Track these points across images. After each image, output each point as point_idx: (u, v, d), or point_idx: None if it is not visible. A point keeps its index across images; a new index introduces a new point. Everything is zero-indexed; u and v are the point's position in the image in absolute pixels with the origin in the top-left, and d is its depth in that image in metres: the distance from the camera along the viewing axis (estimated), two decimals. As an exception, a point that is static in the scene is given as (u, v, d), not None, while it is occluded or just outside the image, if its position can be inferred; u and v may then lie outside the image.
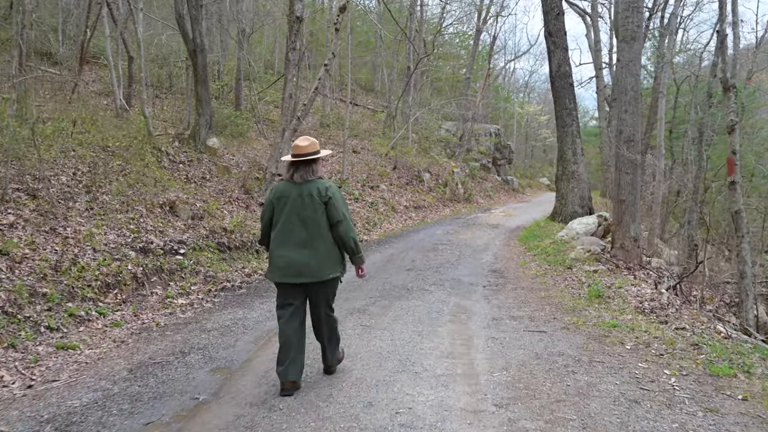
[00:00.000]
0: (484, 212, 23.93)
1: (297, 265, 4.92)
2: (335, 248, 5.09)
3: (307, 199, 4.95)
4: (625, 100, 12.38)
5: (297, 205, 4.95)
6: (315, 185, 5.00)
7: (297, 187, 5.01)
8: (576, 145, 17.24)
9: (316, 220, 4.96)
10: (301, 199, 4.95)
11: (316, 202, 4.95)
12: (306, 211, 4.94)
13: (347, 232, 5.07)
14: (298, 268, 4.92)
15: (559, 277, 10.78)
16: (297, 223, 4.95)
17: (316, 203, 4.95)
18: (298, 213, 4.94)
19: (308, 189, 4.98)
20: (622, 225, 12.47)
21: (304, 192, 4.97)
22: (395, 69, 31.15)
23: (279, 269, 4.99)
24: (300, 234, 4.95)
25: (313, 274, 4.94)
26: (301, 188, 4.99)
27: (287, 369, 4.98)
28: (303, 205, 4.94)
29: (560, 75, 17.30)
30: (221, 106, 21.33)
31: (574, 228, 14.93)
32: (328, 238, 5.02)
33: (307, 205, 4.94)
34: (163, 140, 14.15)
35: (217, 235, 11.03)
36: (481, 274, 11.18)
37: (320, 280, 4.97)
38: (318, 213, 4.96)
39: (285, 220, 4.97)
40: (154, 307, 8.01)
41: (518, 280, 10.60)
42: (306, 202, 4.94)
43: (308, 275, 4.93)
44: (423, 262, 12.41)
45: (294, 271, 4.93)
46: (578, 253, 12.10)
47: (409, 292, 9.40)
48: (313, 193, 4.96)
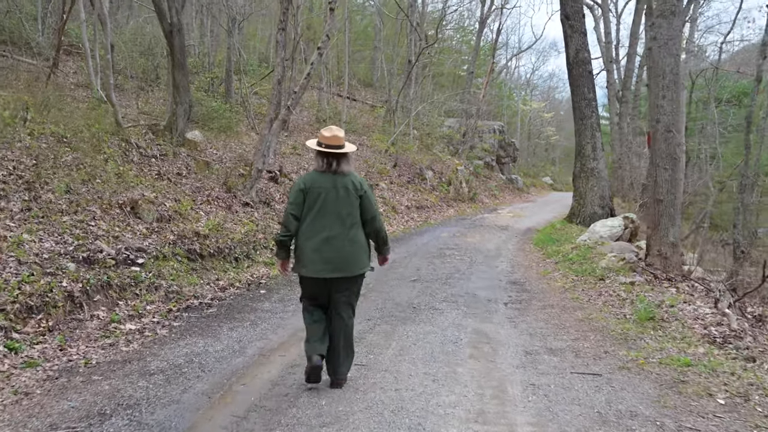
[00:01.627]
0: (490, 213, 22.08)
1: (333, 260, 4.71)
2: (366, 242, 4.94)
3: (342, 191, 4.74)
4: (663, 85, 10.52)
5: (332, 198, 4.72)
6: (349, 178, 4.81)
7: (331, 178, 4.77)
8: (596, 140, 15.38)
9: (352, 213, 4.77)
10: (336, 192, 4.73)
11: (352, 195, 4.77)
12: (341, 205, 4.73)
13: (382, 226, 5.02)
14: (334, 264, 4.72)
15: (592, 291, 8.94)
16: (332, 215, 4.72)
17: (352, 197, 4.77)
18: (335, 207, 4.72)
19: (343, 182, 4.77)
20: (660, 228, 10.62)
21: (339, 185, 4.75)
22: (396, 62, 29.28)
23: (314, 264, 4.73)
24: (335, 227, 4.73)
25: (349, 269, 4.77)
26: (335, 180, 4.76)
27: (315, 344, 4.84)
28: (338, 198, 4.73)
29: (578, 62, 15.43)
30: (210, 98, 19.50)
31: (598, 231, 13.08)
32: (361, 233, 4.86)
33: (343, 198, 4.74)
34: (135, 132, 12.29)
35: (188, 241, 9.18)
36: (498, 287, 9.34)
37: (354, 274, 4.83)
38: (353, 207, 4.77)
39: (319, 213, 4.72)
40: (90, 337, 6.14)
41: (545, 295, 8.75)
42: (341, 195, 4.73)
43: (344, 270, 4.76)
44: (430, 272, 10.56)
45: (330, 267, 4.71)
46: (610, 262, 10.25)
47: (416, 313, 7.55)
48: (348, 186, 4.77)
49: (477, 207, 23.59)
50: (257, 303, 7.95)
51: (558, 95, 57.91)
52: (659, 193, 10.56)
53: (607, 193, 15.52)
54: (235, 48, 20.06)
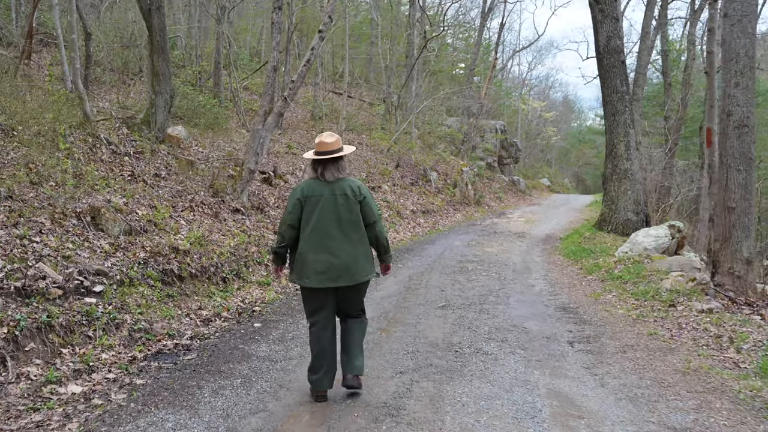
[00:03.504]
0: (499, 217, 20.20)
1: (336, 268, 4.45)
2: (369, 248, 4.65)
3: (341, 198, 4.50)
4: (736, 70, 8.66)
5: (330, 205, 4.48)
6: (347, 183, 4.56)
7: (328, 185, 4.52)
8: (629, 137, 13.50)
9: (352, 220, 4.53)
10: (335, 199, 4.49)
11: (351, 201, 4.52)
12: (341, 211, 4.50)
13: (382, 232, 4.72)
14: (338, 272, 4.45)
15: (668, 323, 7.05)
16: (333, 223, 4.48)
17: (351, 202, 4.52)
18: (334, 213, 4.49)
19: (341, 188, 4.53)
20: (731, 242, 8.77)
21: (337, 191, 4.51)
22: (395, 58, 27.35)
23: (316, 274, 4.44)
24: (336, 235, 4.48)
25: (353, 276, 4.50)
26: (332, 187, 4.52)
27: (323, 379, 4.56)
28: (337, 204, 4.49)
29: (609, 50, 13.55)
30: (197, 92, 17.53)
31: (641, 242, 11.21)
32: (364, 238, 4.59)
33: (342, 204, 4.50)
34: (106, 126, 10.32)
35: (163, 259, 7.23)
36: (548, 316, 7.44)
37: (359, 282, 4.54)
38: (354, 213, 4.53)
39: (319, 221, 4.48)
40: (10, 411, 4.18)
41: (612, 329, 6.85)
42: (340, 202, 4.50)
43: (347, 278, 4.48)
44: (457, 293, 8.66)
45: (333, 275, 4.45)
46: (676, 282, 8.37)
47: (460, 359, 5.63)
48: (347, 192, 4.52)
49: (484, 211, 21.70)
50: (251, 344, 6.00)
51: (554, 95, 56.26)
52: (731, 199, 8.72)
53: (641, 198, 13.64)
54: (224, 37, 18.06)
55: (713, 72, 9.70)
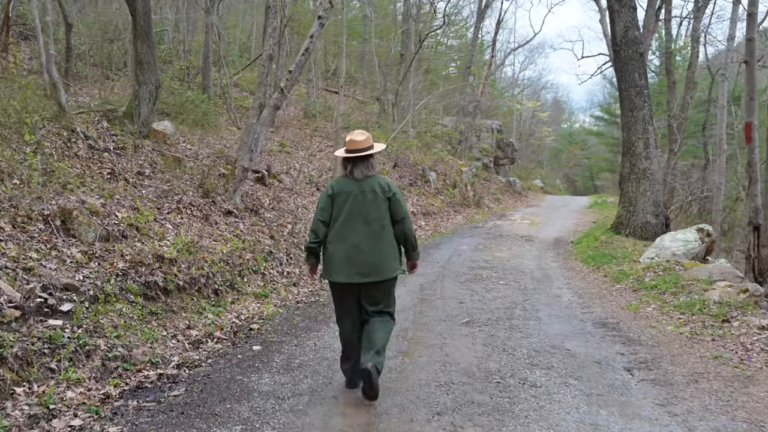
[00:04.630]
0: (501, 219, 19.21)
1: (364, 264, 4.44)
2: (397, 245, 4.61)
3: (369, 195, 4.47)
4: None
5: (359, 202, 4.47)
6: (376, 181, 4.54)
7: (357, 183, 4.51)
8: (648, 135, 12.52)
9: (380, 217, 4.50)
10: (363, 196, 4.47)
11: (380, 198, 4.48)
12: (369, 208, 4.47)
13: (411, 229, 4.67)
14: (366, 268, 4.44)
15: (729, 343, 6.08)
16: (360, 220, 4.48)
17: (380, 199, 4.48)
18: (362, 210, 4.47)
19: (370, 185, 4.49)
20: (783, 248, 7.82)
21: (366, 188, 4.49)
22: (390, 54, 26.33)
23: (343, 269, 4.44)
24: (364, 232, 4.46)
25: (380, 273, 4.47)
26: (361, 184, 4.50)
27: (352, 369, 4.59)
28: (366, 201, 4.47)
29: (627, 42, 12.58)
30: (185, 88, 16.42)
31: (668, 247, 10.25)
32: (391, 235, 4.56)
33: (370, 201, 4.47)
34: (84, 119, 9.23)
35: (146, 270, 6.16)
36: (589, 334, 6.44)
37: (386, 278, 4.50)
38: (381, 210, 4.50)
39: (347, 217, 4.49)
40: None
41: (667, 350, 5.85)
42: (369, 199, 4.47)
43: (375, 274, 4.45)
44: (478, 306, 7.64)
45: (361, 271, 4.44)
46: (725, 294, 7.39)
47: (504, 394, 4.61)
48: (376, 189, 4.49)
49: (485, 213, 20.71)
50: (251, 375, 4.95)
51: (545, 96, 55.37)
52: (782, 200, 7.76)
53: (661, 199, 12.65)
54: (213, 30, 16.96)
55: (753, 61, 8.76)
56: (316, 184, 14.27)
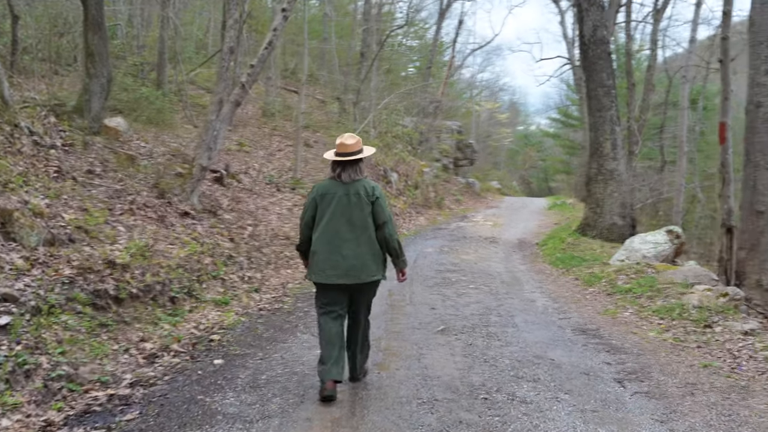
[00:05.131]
0: (463, 221, 18.93)
1: (345, 266, 4.45)
2: (380, 250, 4.58)
3: (354, 198, 4.48)
4: (767, 56, 7.54)
5: (344, 204, 4.48)
6: (362, 184, 4.55)
7: (343, 185, 4.53)
8: (616, 136, 12.34)
9: (364, 220, 4.49)
10: (348, 198, 4.48)
11: (364, 201, 4.49)
12: (353, 211, 4.48)
13: (393, 234, 4.62)
14: (346, 270, 4.45)
15: (715, 350, 5.84)
16: (344, 222, 4.48)
17: (364, 203, 4.49)
18: (345, 213, 4.48)
19: (355, 188, 4.51)
20: (759, 250, 7.65)
21: (351, 191, 4.50)
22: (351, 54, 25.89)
23: (325, 270, 4.47)
24: (347, 234, 4.47)
25: (361, 276, 4.47)
26: (347, 187, 4.52)
27: (330, 368, 4.37)
28: (350, 204, 4.48)
29: (596, 41, 12.37)
30: (138, 84, 15.70)
31: (638, 249, 10.05)
32: (374, 239, 4.53)
33: (355, 204, 4.48)
34: (29, 114, 8.56)
35: (95, 277, 5.60)
36: (570, 341, 6.12)
37: (367, 281, 4.52)
38: (365, 213, 4.49)
39: (330, 219, 4.50)
40: None
41: (654, 358, 5.55)
42: (353, 202, 4.48)
43: (356, 276, 4.46)
44: (451, 311, 7.27)
45: (342, 272, 4.44)
46: (704, 298, 7.15)
47: (494, 411, 4.21)
48: (360, 192, 4.50)
49: (447, 214, 20.40)
50: (213, 394, 4.45)
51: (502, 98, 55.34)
52: (759, 202, 7.59)
53: (628, 201, 12.49)
54: (170, 24, 16.28)
55: (728, 60, 8.59)
56: (277, 185, 13.76)
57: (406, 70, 35.69)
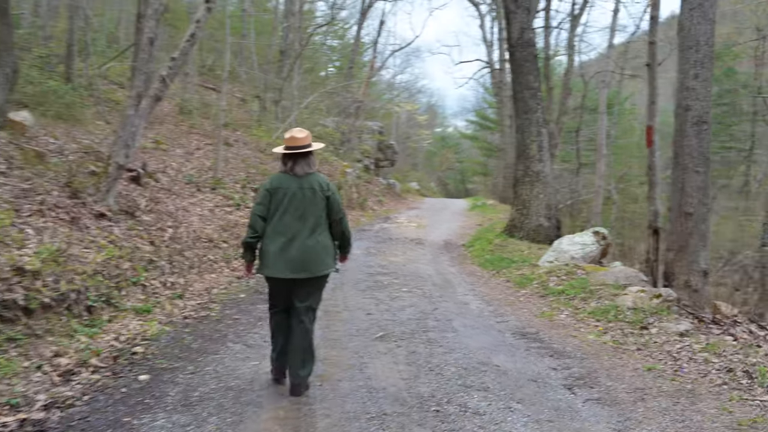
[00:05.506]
0: (386, 222, 18.75)
1: (297, 260, 4.45)
2: (332, 243, 4.70)
3: (308, 192, 4.52)
4: (696, 60, 7.66)
5: (298, 199, 4.49)
6: (315, 179, 4.59)
7: (297, 179, 4.53)
8: (542, 138, 12.43)
9: (317, 214, 4.54)
10: (302, 193, 4.50)
11: (318, 196, 4.53)
12: (307, 205, 4.51)
13: (348, 228, 4.80)
14: (299, 264, 4.46)
15: (655, 352, 5.84)
16: (297, 217, 4.50)
17: (318, 197, 4.53)
18: (299, 207, 4.49)
19: (309, 182, 4.54)
20: (688, 251, 7.78)
21: (305, 185, 4.53)
22: (272, 51, 25.32)
23: (278, 264, 4.46)
24: (299, 228, 4.49)
25: (312, 270, 4.49)
26: (301, 181, 4.53)
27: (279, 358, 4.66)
28: (304, 198, 4.50)
29: (522, 43, 12.42)
30: (45, 77, 14.71)
31: (567, 250, 10.10)
32: (326, 233, 4.63)
33: (309, 199, 4.51)
34: None
35: (1, 285, 5.02)
36: (512, 346, 5.98)
37: (319, 275, 4.56)
38: (319, 207, 4.55)
39: (284, 213, 4.50)
40: None
41: (598, 362, 5.48)
42: (307, 196, 4.51)
43: (309, 270, 4.48)
44: (387, 316, 7.03)
45: (294, 267, 4.45)
46: (637, 299, 7.18)
47: (448, 425, 3.99)
48: (314, 187, 4.54)
49: (370, 215, 20.19)
50: (140, 414, 4.02)
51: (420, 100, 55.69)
52: (687, 204, 7.71)
53: (554, 202, 12.62)
54: (79, 13, 15.35)
55: (655, 64, 8.73)
56: (197, 185, 13.16)
57: (326, 70, 35.36)
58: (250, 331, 6.22)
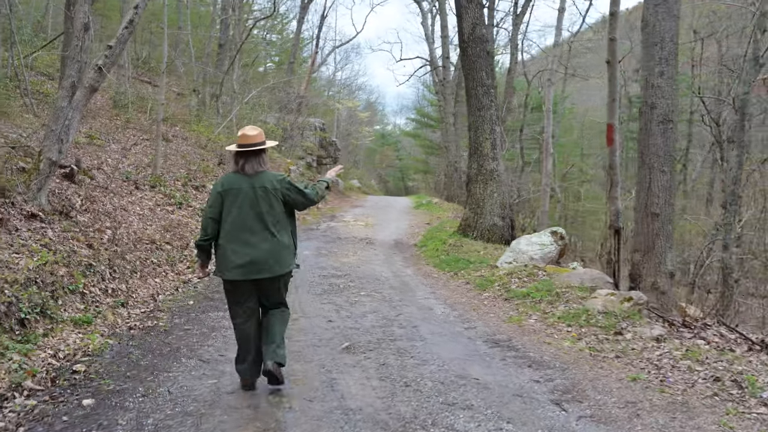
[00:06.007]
0: (333, 221, 18.26)
1: (256, 261, 4.35)
2: (291, 240, 4.60)
3: (260, 191, 4.40)
4: (661, 57, 7.50)
5: (250, 198, 4.39)
6: (267, 177, 4.47)
7: (247, 179, 4.44)
8: (495, 135, 12.17)
9: (272, 212, 4.42)
10: (254, 192, 4.40)
11: (270, 194, 4.42)
12: (261, 204, 4.39)
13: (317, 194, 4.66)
14: (258, 264, 4.36)
15: (635, 360, 5.57)
16: (252, 216, 4.38)
17: (271, 196, 4.42)
18: (253, 206, 4.38)
19: (260, 181, 4.44)
20: (655, 253, 7.63)
21: (257, 184, 4.42)
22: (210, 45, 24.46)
23: (237, 266, 4.35)
24: (256, 228, 4.38)
25: (272, 269, 4.40)
26: (252, 180, 4.43)
27: (249, 368, 4.55)
28: (257, 197, 4.39)
29: (475, 39, 12.13)
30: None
31: (525, 251, 9.86)
32: (284, 231, 4.51)
33: (261, 197, 4.40)
34: None
35: None
36: (487, 355, 5.64)
37: (279, 274, 4.46)
38: (274, 206, 4.43)
39: (238, 214, 4.38)
40: None
41: (580, 373, 5.18)
42: (260, 195, 4.39)
43: (268, 270, 4.39)
44: (350, 324, 6.61)
45: (254, 268, 4.35)
46: (608, 303, 6.95)
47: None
48: (266, 185, 4.43)
49: (315, 214, 19.62)
50: (87, 450, 3.49)
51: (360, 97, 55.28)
52: (654, 204, 7.55)
53: (508, 201, 12.37)
54: (3, 1, 14.30)
55: (615, 61, 8.53)
56: (135, 182, 12.40)
57: (264, 65, 34.55)
58: (204, 343, 5.69)
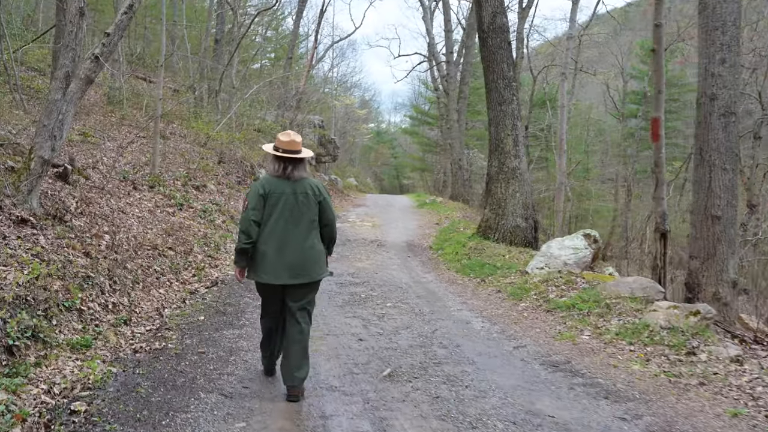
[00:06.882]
0: (337, 221, 17.35)
1: (294, 265, 4.38)
2: (324, 247, 4.62)
3: (301, 197, 4.43)
4: (723, 42, 6.73)
5: (291, 203, 4.40)
6: (308, 183, 4.50)
7: (290, 184, 4.44)
8: (517, 131, 11.37)
9: (311, 218, 4.45)
10: (296, 197, 4.41)
11: (311, 200, 4.46)
12: (301, 210, 4.42)
13: (335, 232, 4.73)
14: (296, 269, 4.38)
15: (724, 388, 4.81)
16: (291, 221, 4.40)
17: (312, 202, 4.46)
18: (294, 211, 4.41)
19: (303, 187, 4.46)
20: (716, 260, 6.85)
21: (299, 190, 4.44)
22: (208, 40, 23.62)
23: (274, 270, 4.37)
24: (295, 233, 4.40)
25: (309, 275, 4.44)
26: (295, 186, 4.44)
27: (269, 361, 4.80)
28: (297, 203, 4.41)
29: (495, 29, 11.33)
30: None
31: (558, 255, 9.09)
32: (318, 238, 4.54)
33: (302, 203, 4.42)
34: None
35: None
36: (551, 383, 4.84)
37: (314, 280, 4.50)
38: (312, 212, 4.46)
39: (278, 218, 4.39)
40: None
41: (669, 406, 4.41)
42: (301, 200, 4.42)
43: (304, 276, 4.42)
44: (383, 343, 5.82)
45: (291, 273, 4.38)
46: (671, 317, 6.16)
47: None
48: (308, 191, 4.46)
49: (318, 214, 18.81)
50: None
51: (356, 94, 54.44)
52: (715, 206, 6.77)
53: (530, 201, 11.56)
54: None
55: (661, 49, 7.77)
56: (133, 182, 11.56)
57: (260, 61, 33.68)
58: (223, 371, 4.86)
